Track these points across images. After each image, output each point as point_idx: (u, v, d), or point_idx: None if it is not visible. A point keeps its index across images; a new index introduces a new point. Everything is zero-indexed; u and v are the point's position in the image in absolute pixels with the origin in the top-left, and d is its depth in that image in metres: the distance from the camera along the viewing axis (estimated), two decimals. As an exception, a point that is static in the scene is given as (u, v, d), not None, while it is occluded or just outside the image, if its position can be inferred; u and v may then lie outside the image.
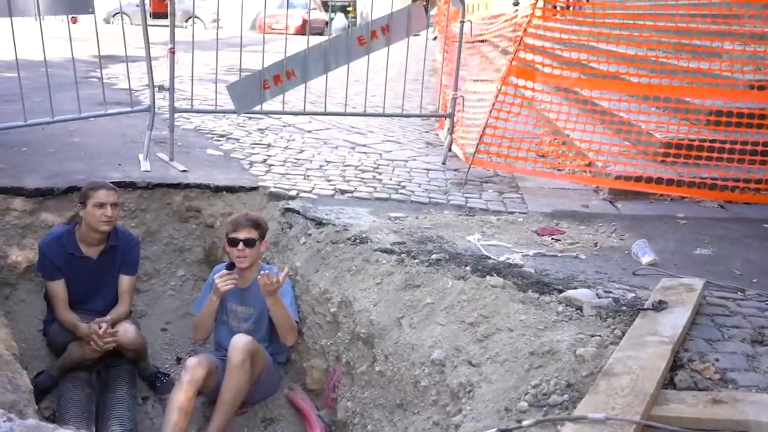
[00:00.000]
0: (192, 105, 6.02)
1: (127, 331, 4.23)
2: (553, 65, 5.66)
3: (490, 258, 3.90)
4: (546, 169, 5.78)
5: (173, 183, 5.24)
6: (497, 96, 5.59)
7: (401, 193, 5.47)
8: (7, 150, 5.64)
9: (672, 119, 5.62)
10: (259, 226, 4.27)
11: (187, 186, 5.25)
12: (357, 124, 8.20)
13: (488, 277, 3.41)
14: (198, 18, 21.35)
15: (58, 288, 4.27)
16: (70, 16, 5.55)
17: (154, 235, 5.18)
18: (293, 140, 7.05)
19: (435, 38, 12.45)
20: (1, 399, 2.62)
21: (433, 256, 3.87)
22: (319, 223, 4.65)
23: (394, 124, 8.53)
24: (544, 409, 2.53)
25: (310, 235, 4.62)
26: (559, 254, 4.09)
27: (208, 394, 4.11)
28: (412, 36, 6.21)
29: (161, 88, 5.54)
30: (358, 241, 4.26)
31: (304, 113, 6.24)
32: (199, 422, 4.17)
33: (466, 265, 3.71)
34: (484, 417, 2.68)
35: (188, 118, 7.44)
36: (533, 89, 5.69)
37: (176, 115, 5.96)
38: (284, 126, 7.74)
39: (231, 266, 4.16)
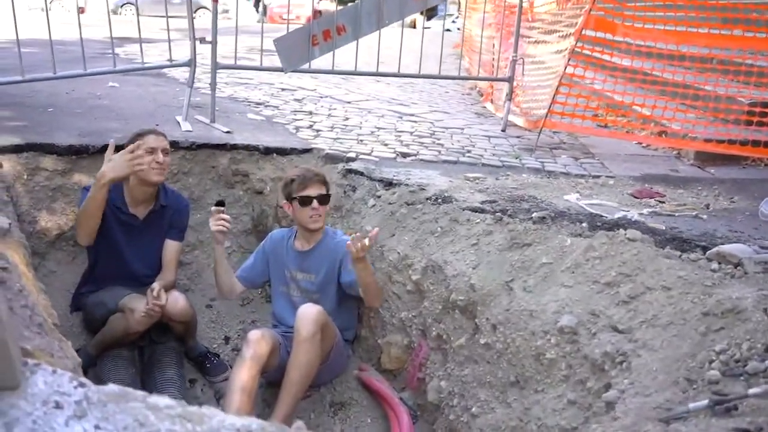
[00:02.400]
0: (236, 61, 5.44)
1: (177, 300, 3.69)
2: (635, 16, 5.10)
3: (602, 216, 3.37)
4: (625, 131, 5.23)
5: (219, 144, 4.70)
6: (572, 51, 5.05)
7: (469, 157, 4.94)
8: (31, 110, 5.11)
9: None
10: (326, 181, 3.75)
11: (234, 147, 4.71)
12: (398, 96, 7.69)
13: (621, 231, 2.86)
14: (206, 9, 20.87)
15: None
16: (78, 5, 5.08)
17: (198, 201, 4.64)
18: (335, 109, 6.52)
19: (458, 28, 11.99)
20: (61, 364, 2.08)
21: (535, 214, 3.34)
22: (389, 183, 4.12)
23: (435, 96, 8.02)
24: (741, 378, 2.00)
25: (379, 196, 4.09)
26: (676, 214, 3.56)
27: (268, 374, 3.58)
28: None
29: (202, 40, 5.00)
30: (440, 200, 3.73)
31: (355, 73, 5.70)
32: (257, 407, 3.64)
33: (581, 222, 3.18)
34: (655, 391, 2.15)
35: (220, 88, 6.87)
36: (612, 43, 5.15)
37: (204, 85, 5.41)
38: (321, 97, 7.21)
39: (220, 203, 3.75)
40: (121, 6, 21.82)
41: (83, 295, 3.93)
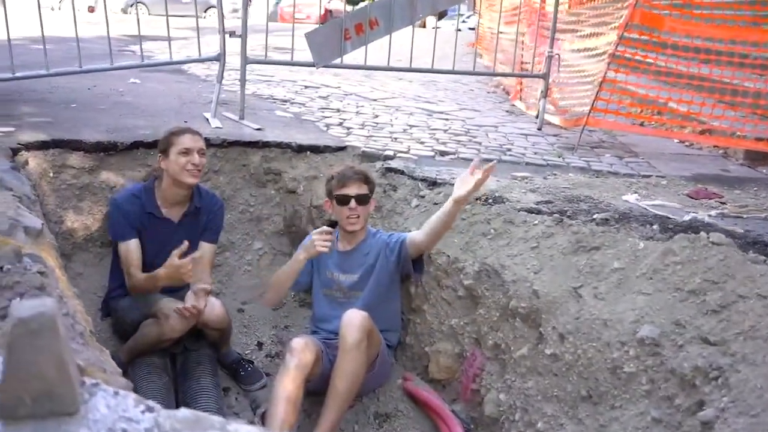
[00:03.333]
0: (266, 55, 5.25)
1: (213, 306, 3.50)
2: (683, 10, 4.89)
3: (669, 217, 3.17)
4: (671, 129, 5.02)
5: (250, 141, 4.51)
6: (616, 46, 4.84)
7: (511, 155, 4.74)
8: (54, 106, 4.92)
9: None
10: (369, 181, 3.54)
11: (266, 144, 4.52)
12: (423, 94, 7.50)
13: (702, 234, 2.65)
14: (215, 8, 20.70)
15: (133, 248, 3.54)
16: (87, 5, 4.91)
17: (229, 201, 4.44)
18: (362, 107, 6.33)
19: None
20: (115, 382, 1.89)
21: (597, 216, 3.14)
22: (433, 183, 3.92)
23: (460, 94, 7.84)
24: None
25: (422, 196, 3.89)
26: (744, 216, 3.35)
27: (310, 383, 3.37)
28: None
29: (232, 34, 4.81)
30: (491, 201, 3.53)
31: (388, 68, 5.48)
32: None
33: (651, 225, 2.98)
34: (762, 410, 1.95)
35: (236, 90, 6.67)
36: (659, 37, 4.94)
37: (227, 82, 5.22)
38: (346, 94, 7.02)
39: (333, 224, 3.43)
40: (131, 5, 21.71)
41: (113, 300, 3.74)
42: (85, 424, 1.28)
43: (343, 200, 3.43)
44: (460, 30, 14.04)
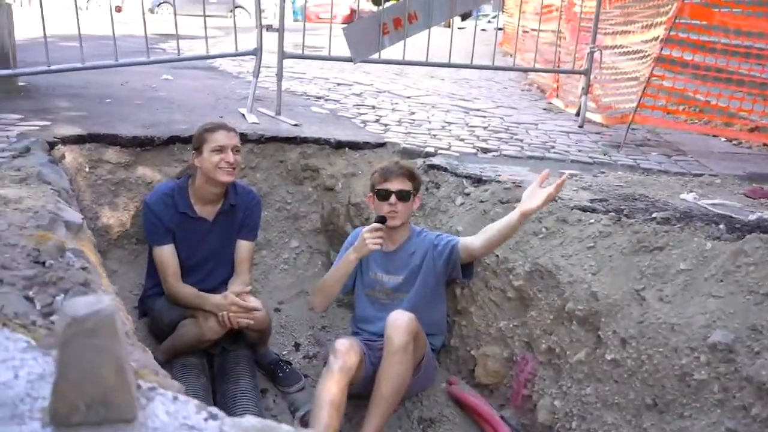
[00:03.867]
0: (303, 51, 5.14)
1: (255, 306, 3.39)
2: (733, 3, 4.71)
3: (732, 217, 3.01)
4: (722, 127, 4.84)
5: (288, 137, 4.40)
6: (664, 40, 4.67)
7: (555, 153, 4.59)
8: (88, 101, 4.86)
9: None
10: (414, 177, 3.39)
11: (305, 140, 4.40)
12: (457, 91, 7.36)
13: (778, 234, 2.50)
14: (243, 8, 20.77)
15: (168, 255, 3.43)
16: (115, 5, 4.85)
17: (265, 198, 4.33)
18: (397, 104, 6.21)
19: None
20: (169, 386, 1.78)
21: (657, 215, 2.99)
22: (478, 180, 3.79)
23: (494, 92, 7.69)
24: None
25: (467, 194, 3.76)
26: (811, 216, 3.18)
27: (352, 387, 3.24)
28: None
29: (269, 28, 4.71)
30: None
31: (426, 63, 5.35)
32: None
33: (716, 224, 2.82)
34: None
35: (273, 82, 6.58)
36: (708, 32, 4.76)
37: (260, 78, 5.11)
38: (379, 92, 6.90)
39: (382, 219, 3.28)
40: (158, 5, 21.81)
41: (150, 298, 3.65)
42: (144, 433, 1.17)
43: (384, 195, 3.30)
44: (484, 30, 13.82)
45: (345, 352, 3.06)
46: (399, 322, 3.06)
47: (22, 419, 1.18)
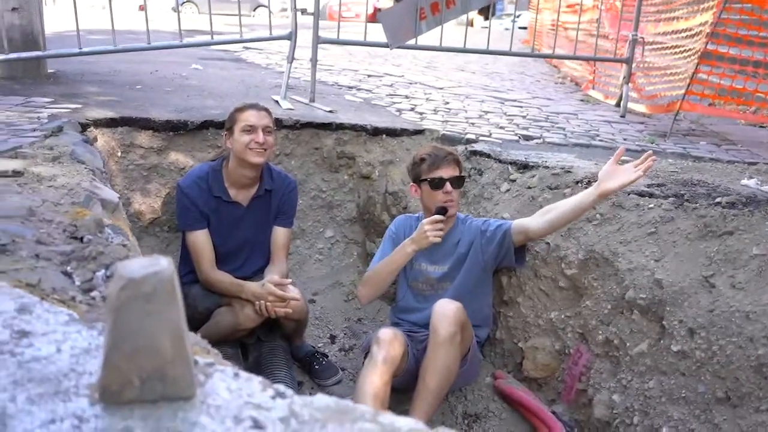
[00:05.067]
0: (338, 35, 5.00)
1: (293, 296, 3.25)
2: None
3: (802, 202, 2.82)
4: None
5: (324, 123, 4.26)
6: (713, 25, 4.48)
7: (600, 141, 4.42)
8: (119, 87, 4.76)
9: None
10: (460, 162, 3.24)
11: (340, 127, 4.26)
12: (490, 83, 7.19)
13: None
14: (265, 7, 20.73)
15: (203, 240, 3.30)
16: (138, 4, 4.74)
17: (300, 186, 4.16)
18: (430, 94, 6.06)
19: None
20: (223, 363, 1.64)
21: (722, 199, 2.81)
22: (524, 166, 3.63)
23: (528, 84, 7.52)
24: None
25: (514, 180, 3.60)
26: None
27: (395, 379, 3.09)
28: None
29: (304, 11, 4.58)
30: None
31: (464, 50, 5.19)
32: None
33: (788, 208, 2.64)
34: None
35: (304, 73, 6.43)
36: (760, 16, 4.56)
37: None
38: (411, 83, 6.75)
39: (442, 210, 3.11)
40: (182, 4, 21.86)
41: (184, 286, 3.50)
42: (205, 411, 1.03)
43: (438, 183, 3.14)
44: (507, 29, 13.68)
45: (389, 342, 2.92)
46: (446, 311, 2.91)
47: (67, 396, 1.04)
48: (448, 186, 3.10)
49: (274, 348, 3.47)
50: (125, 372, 1.01)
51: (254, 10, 22.19)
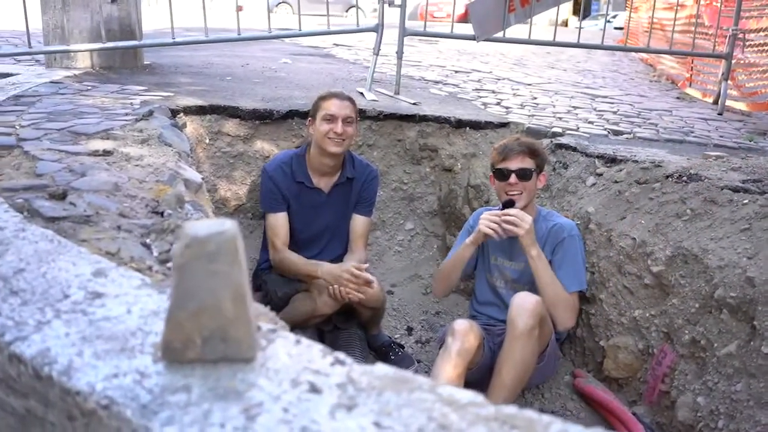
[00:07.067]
0: (425, 27, 4.98)
1: (368, 278, 3.25)
2: None
3: None
4: None
5: (407, 114, 4.25)
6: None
7: (694, 137, 4.24)
8: (210, 78, 4.89)
9: None
10: (536, 154, 3.14)
11: (424, 118, 4.24)
12: (581, 81, 7.01)
13: None
14: (359, 8, 20.92)
15: (281, 221, 3.35)
16: (236, 5, 4.82)
17: (382, 177, 4.19)
18: (518, 89, 5.96)
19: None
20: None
21: (823, 196, 2.64)
22: (612, 160, 3.51)
23: (621, 82, 7.30)
24: None
25: (600, 174, 3.49)
26: None
27: (469, 373, 3.03)
28: None
29: (391, 3, 4.59)
30: (685, 178, 3.08)
31: (553, 43, 5.08)
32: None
33: None
34: None
35: (390, 69, 6.44)
36: None
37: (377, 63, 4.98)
38: (498, 79, 6.66)
39: (509, 204, 3.05)
40: (276, 5, 22.32)
41: (263, 272, 3.57)
42: (263, 374, 1.03)
43: (502, 175, 3.08)
44: (602, 30, 13.36)
45: (464, 334, 2.88)
46: (525, 304, 2.84)
47: (132, 353, 1.06)
48: (513, 177, 3.04)
49: (351, 336, 3.48)
50: (188, 330, 1.02)
51: (347, 11, 22.43)
